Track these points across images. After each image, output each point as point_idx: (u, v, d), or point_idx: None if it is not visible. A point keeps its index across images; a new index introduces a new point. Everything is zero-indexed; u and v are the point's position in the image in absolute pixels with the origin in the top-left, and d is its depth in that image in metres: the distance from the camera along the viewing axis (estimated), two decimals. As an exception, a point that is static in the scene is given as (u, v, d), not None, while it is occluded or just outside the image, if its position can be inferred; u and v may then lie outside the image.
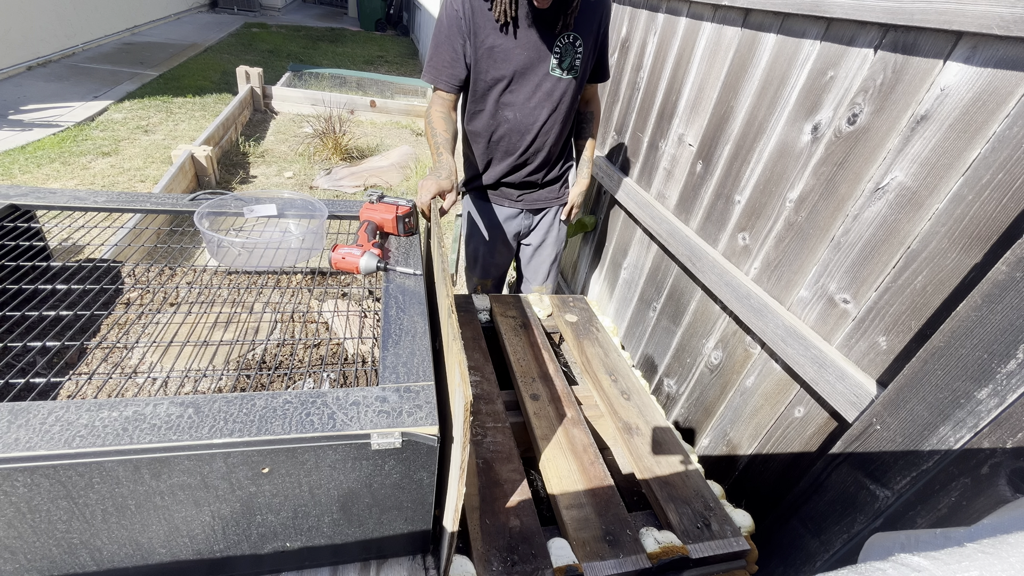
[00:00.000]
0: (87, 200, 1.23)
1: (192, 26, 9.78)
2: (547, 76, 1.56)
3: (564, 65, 1.54)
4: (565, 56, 1.53)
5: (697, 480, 1.26)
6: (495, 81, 1.56)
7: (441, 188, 1.37)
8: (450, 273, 0.99)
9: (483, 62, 1.53)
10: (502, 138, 1.67)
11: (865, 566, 0.36)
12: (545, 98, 1.59)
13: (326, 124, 4.79)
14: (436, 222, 1.23)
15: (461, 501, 0.81)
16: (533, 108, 1.60)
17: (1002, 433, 0.83)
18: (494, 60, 1.52)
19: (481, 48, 1.51)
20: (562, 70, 1.55)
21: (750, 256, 1.47)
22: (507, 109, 1.61)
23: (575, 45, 1.52)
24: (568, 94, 1.61)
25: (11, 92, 5.17)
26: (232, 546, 0.85)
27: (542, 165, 1.76)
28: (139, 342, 1.05)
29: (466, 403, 0.69)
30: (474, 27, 1.48)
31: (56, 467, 0.67)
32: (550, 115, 1.63)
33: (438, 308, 1.20)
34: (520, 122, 1.63)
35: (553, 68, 1.54)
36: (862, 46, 1.13)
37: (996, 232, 0.90)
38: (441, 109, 1.60)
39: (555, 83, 1.57)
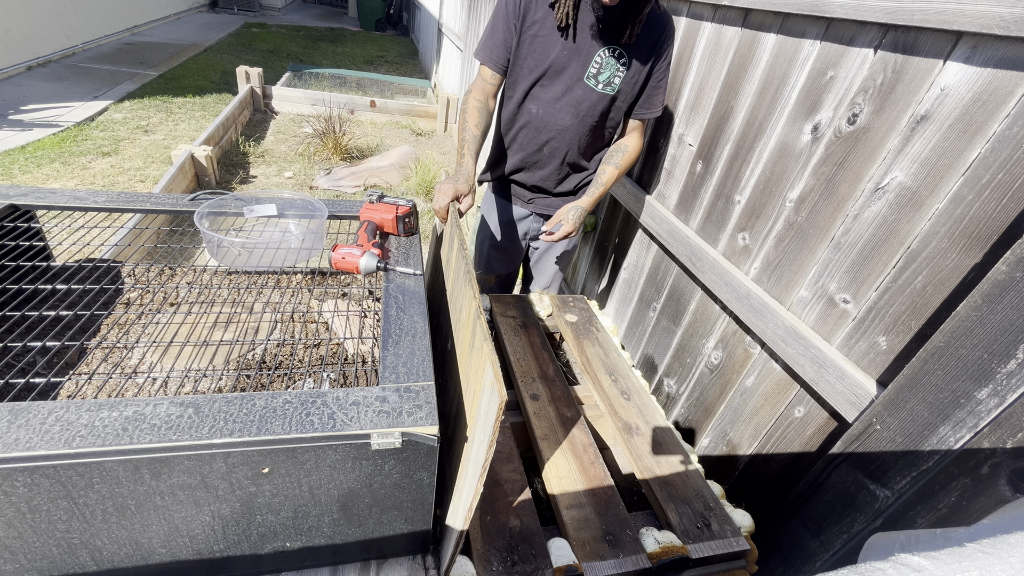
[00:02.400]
0: (87, 200, 1.23)
1: (192, 26, 9.77)
2: (580, 82, 1.51)
3: (601, 78, 1.50)
4: (604, 69, 1.48)
5: (697, 480, 1.26)
6: (529, 71, 1.54)
7: (458, 192, 1.38)
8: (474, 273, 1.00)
9: (524, 48, 1.52)
10: (521, 129, 1.66)
11: (865, 566, 0.36)
12: (572, 104, 1.55)
13: (326, 124, 4.79)
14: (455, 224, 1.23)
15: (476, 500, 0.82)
16: (557, 109, 1.57)
17: (1002, 433, 0.83)
18: (533, 49, 1.51)
19: (526, 34, 1.51)
20: (597, 82, 1.51)
21: (750, 256, 1.47)
22: (533, 103, 1.59)
23: (619, 61, 1.47)
24: (598, 109, 1.55)
25: (11, 92, 5.17)
26: (232, 546, 0.85)
27: (555, 172, 1.70)
28: (139, 342, 1.05)
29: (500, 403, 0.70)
30: (527, 13, 1.48)
31: (56, 467, 0.67)
32: (572, 122, 1.58)
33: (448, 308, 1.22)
34: (541, 119, 1.60)
35: (588, 77, 1.50)
36: (862, 46, 1.13)
37: (996, 232, 0.90)
38: (480, 96, 1.58)
39: (586, 92, 1.52)
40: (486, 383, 0.76)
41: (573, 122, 1.57)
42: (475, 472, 0.80)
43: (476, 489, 0.79)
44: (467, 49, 5.25)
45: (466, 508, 0.85)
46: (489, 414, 0.74)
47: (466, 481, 0.85)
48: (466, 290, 0.98)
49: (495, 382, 0.71)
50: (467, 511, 0.84)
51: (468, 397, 0.88)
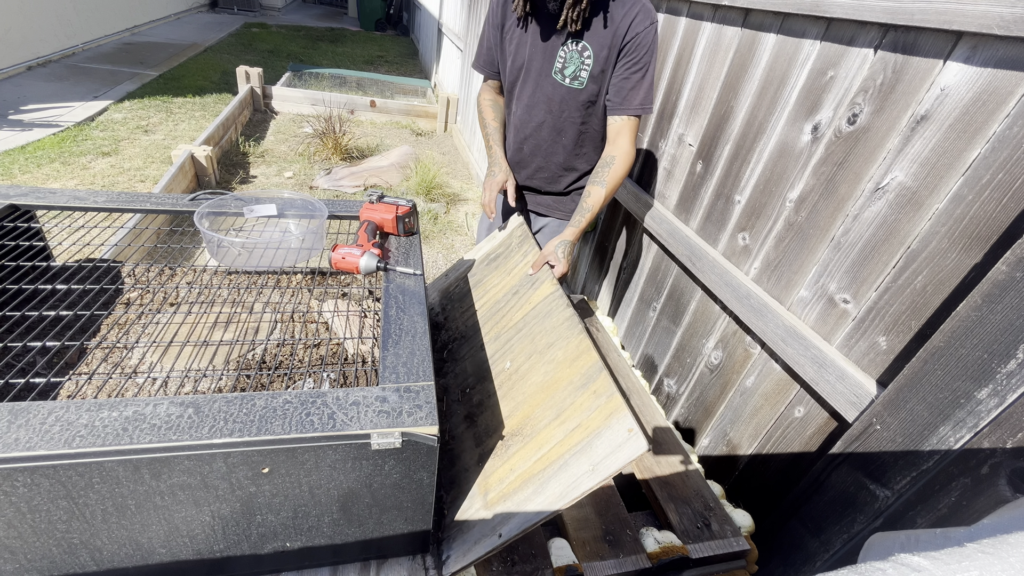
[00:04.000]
0: (87, 200, 1.23)
1: (192, 26, 9.77)
2: (548, 78, 1.51)
3: (567, 73, 1.47)
4: (569, 63, 1.46)
5: (697, 480, 1.25)
6: (510, 73, 1.58)
7: (499, 183, 1.55)
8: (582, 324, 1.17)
9: (505, 52, 1.57)
10: (509, 128, 1.69)
11: (865, 566, 0.36)
12: (544, 101, 1.55)
13: (326, 124, 4.79)
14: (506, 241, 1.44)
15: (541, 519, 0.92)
16: (531, 107, 1.58)
17: (1002, 433, 0.83)
18: (511, 52, 1.55)
19: (505, 39, 1.55)
20: (564, 76, 1.48)
21: (750, 256, 1.47)
22: (515, 102, 1.61)
23: (583, 55, 1.43)
24: (570, 104, 1.51)
25: (11, 92, 5.17)
26: (232, 546, 0.85)
27: (539, 171, 1.68)
28: (139, 342, 1.05)
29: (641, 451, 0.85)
30: (504, 18, 1.53)
31: (56, 467, 0.67)
32: (547, 118, 1.57)
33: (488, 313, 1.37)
34: (520, 118, 1.62)
35: (555, 72, 1.49)
36: (862, 46, 1.13)
37: (996, 232, 0.90)
38: (487, 95, 1.69)
39: (555, 88, 1.51)
40: (618, 428, 0.89)
41: (548, 118, 1.56)
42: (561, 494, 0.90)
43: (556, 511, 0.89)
44: (467, 49, 5.25)
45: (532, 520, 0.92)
46: (617, 454, 0.87)
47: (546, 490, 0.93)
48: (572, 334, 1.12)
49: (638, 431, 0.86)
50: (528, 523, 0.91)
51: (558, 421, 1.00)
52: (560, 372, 1.08)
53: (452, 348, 1.49)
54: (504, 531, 0.94)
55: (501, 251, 1.61)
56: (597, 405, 0.95)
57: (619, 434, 0.88)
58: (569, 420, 0.98)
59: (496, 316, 1.40)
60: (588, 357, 1.05)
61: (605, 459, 0.88)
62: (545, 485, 0.94)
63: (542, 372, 1.13)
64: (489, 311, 1.45)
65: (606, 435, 0.90)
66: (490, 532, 0.97)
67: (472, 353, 1.38)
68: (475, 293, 1.58)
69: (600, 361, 1.01)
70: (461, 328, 1.51)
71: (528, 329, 1.26)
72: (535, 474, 0.97)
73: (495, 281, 1.53)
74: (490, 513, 0.99)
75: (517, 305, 1.36)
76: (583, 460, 0.91)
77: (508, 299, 1.41)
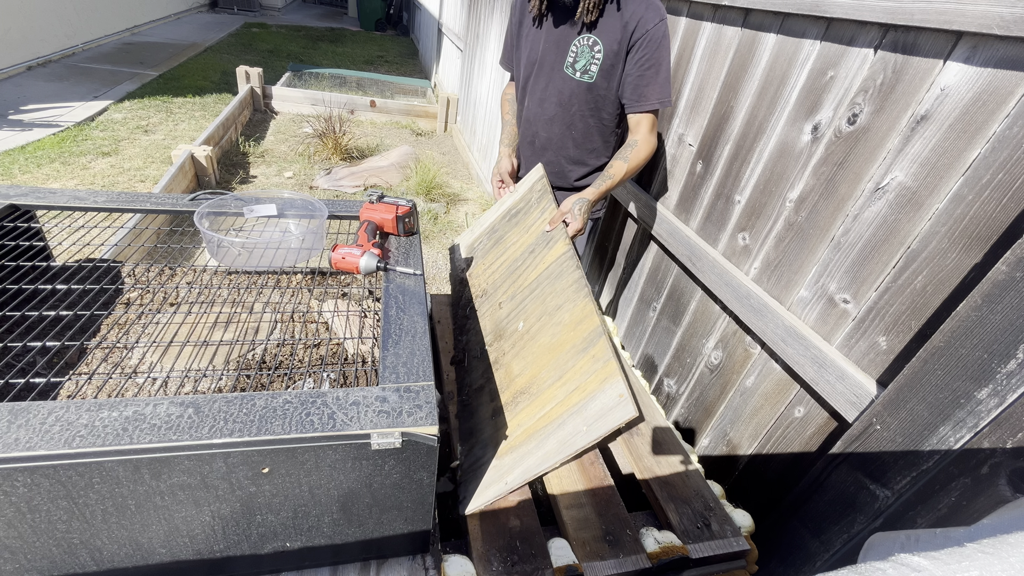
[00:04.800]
0: (87, 200, 1.23)
1: (192, 26, 9.77)
2: (559, 72, 1.55)
3: (578, 67, 1.51)
4: (580, 57, 1.50)
5: (697, 480, 1.26)
6: (524, 68, 1.64)
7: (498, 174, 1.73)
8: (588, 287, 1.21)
9: (520, 50, 1.65)
10: (522, 123, 1.75)
11: (865, 566, 0.36)
12: (555, 94, 1.59)
13: (326, 124, 4.79)
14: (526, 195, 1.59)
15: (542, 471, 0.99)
16: (543, 100, 1.63)
17: (1002, 433, 0.83)
18: (525, 48, 1.62)
19: (520, 36, 1.64)
20: (575, 71, 1.52)
21: (750, 256, 1.47)
22: (528, 97, 1.67)
23: (593, 49, 1.47)
24: (579, 97, 1.55)
25: (11, 92, 5.17)
26: (232, 546, 0.85)
27: (549, 164, 1.71)
28: (139, 342, 1.05)
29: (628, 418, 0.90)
30: (522, 15, 1.62)
31: (56, 467, 0.67)
32: (557, 112, 1.61)
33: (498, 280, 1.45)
34: (532, 112, 1.67)
35: (567, 66, 1.53)
36: (862, 46, 1.13)
37: (996, 232, 0.90)
38: (510, 92, 1.83)
39: (565, 81, 1.55)
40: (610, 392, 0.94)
41: (558, 112, 1.60)
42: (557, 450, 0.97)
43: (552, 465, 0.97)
44: (467, 49, 5.25)
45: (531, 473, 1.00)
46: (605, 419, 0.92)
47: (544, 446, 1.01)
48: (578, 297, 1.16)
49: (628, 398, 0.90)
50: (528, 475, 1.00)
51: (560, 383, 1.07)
52: (565, 335, 1.14)
53: (474, 305, 1.55)
54: (509, 480, 1.04)
55: (521, 206, 1.63)
56: (595, 369, 1.01)
57: (611, 398, 0.94)
58: (569, 382, 1.05)
59: (513, 275, 1.46)
60: (590, 322, 1.09)
61: (597, 421, 0.94)
62: (545, 441, 1.01)
63: (550, 334, 1.18)
64: (507, 269, 1.50)
65: (600, 398, 0.96)
66: (498, 480, 1.07)
67: (491, 311, 1.45)
68: (496, 250, 1.62)
69: (600, 326, 1.05)
70: (483, 285, 1.57)
71: (540, 290, 1.31)
72: (537, 430, 1.04)
73: (514, 238, 1.57)
74: (499, 463, 1.09)
75: (532, 265, 1.40)
76: (578, 420, 0.97)
77: (525, 258, 1.45)
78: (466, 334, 1.48)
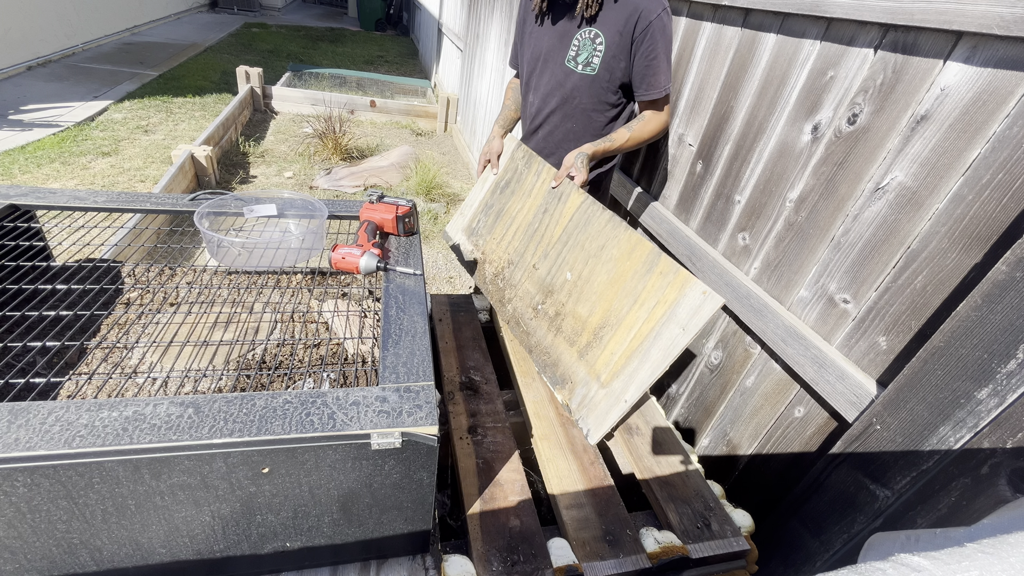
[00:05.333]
0: (87, 200, 1.23)
1: (192, 26, 9.77)
2: (562, 66, 1.59)
3: (580, 60, 1.55)
4: (582, 50, 1.54)
5: (697, 480, 1.26)
6: (528, 64, 1.70)
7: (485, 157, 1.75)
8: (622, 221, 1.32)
9: (524, 47, 1.71)
10: (524, 119, 1.82)
11: (865, 566, 0.36)
12: (557, 87, 1.63)
13: (326, 124, 4.79)
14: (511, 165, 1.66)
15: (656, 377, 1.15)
16: (546, 95, 1.67)
17: (1002, 433, 0.83)
18: (529, 46, 1.68)
19: (524, 34, 1.70)
20: (577, 63, 1.56)
21: (750, 256, 1.47)
22: (532, 92, 1.72)
23: (594, 41, 1.51)
24: (581, 90, 1.58)
25: (11, 92, 5.17)
26: (232, 546, 0.85)
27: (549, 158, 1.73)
28: (139, 342, 1.05)
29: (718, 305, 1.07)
30: (525, 13, 1.68)
31: (56, 467, 0.67)
32: (559, 106, 1.64)
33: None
34: (535, 105, 1.71)
35: (568, 60, 1.57)
36: (862, 46, 1.13)
37: (996, 232, 0.90)
38: (514, 82, 1.88)
39: (567, 75, 1.59)
40: (694, 293, 1.11)
41: (560, 105, 1.64)
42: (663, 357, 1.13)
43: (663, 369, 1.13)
44: (467, 49, 5.25)
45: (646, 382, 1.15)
46: (699, 313, 1.09)
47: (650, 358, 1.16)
48: (619, 232, 1.30)
49: (709, 289, 1.09)
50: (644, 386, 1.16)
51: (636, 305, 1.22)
52: (622, 266, 1.26)
53: (505, 276, 1.60)
54: (627, 397, 1.19)
55: (510, 176, 1.68)
56: (667, 282, 1.16)
57: (696, 298, 1.10)
58: (647, 301, 1.19)
59: (535, 238, 1.53)
60: (643, 246, 1.23)
61: (691, 319, 1.10)
62: (647, 354, 1.16)
63: (605, 271, 1.30)
64: (526, 235, 1.56)
65: (685, 302, 1.12)
66: (616, 401, 1.20)
67: (528, 275, 1.53)
68: (502, 223, 1.66)
69: (656, 247, 1.19)
70: (505, 257, 1.62)
71: (574, 240, 1.40)
72: (635, 349, 1.19)
73: (517, 206, 1.62)
74: (609, 389, 1.23)
75: (551, 222, 1.49)
76: (673, 326, 1.13)
77: (539, 218, 1.53)
78: (510, 303, 1.56)
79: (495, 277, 1.64)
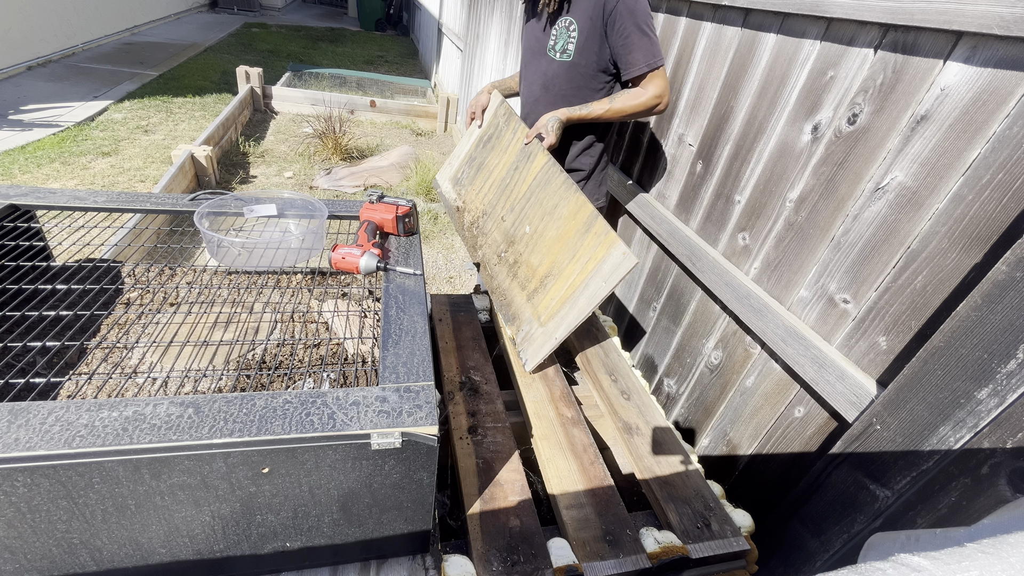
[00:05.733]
0: (87, 200, 1.23)
1: (192, 26, 9.77)
2: (544, 56, 1.68)
3: (557, 48, 1.63)
4: (559, 39, 1.62)
5: (697, 480, 1.26)
6: (521, 57, 1.82)
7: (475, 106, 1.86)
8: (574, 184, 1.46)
9: (521, 42, 1.83)
10: (521, 108, 1.88)
11: (865, 566, 0.36)
12: (540, 76, 1.71)
13: (326, 124, 4.79)
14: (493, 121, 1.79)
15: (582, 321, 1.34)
16: (531, 84, 1.76)
17: (1002, 433, 0.83)
18: (523, 39, 1.80)
19: (522, 31, 1.81)
20: (555, 52, 1.64)
21: (750, 256, 1.47)
22: (523, 83, 1.82)
23: (569, 29, 1.59)
24: (561, 77, 1.65)
25: (11, 92, 5.17)
26: (232, 546, 0.85)
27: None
28: (139, 342, 1.05)
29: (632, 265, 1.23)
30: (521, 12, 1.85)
31: (56, 467, 0.67)
32: (542, 94, 1.72)
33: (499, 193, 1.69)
34: (524, 95, 1.82)
35: (549, 49, 1.66)
36: (862, 46, 1.13)
37: (996, 232, 0.90)
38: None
39: (549, 63, 1.67)
40: (616, 252, 1.26)
41: (542, 93, 1.72)
42: (587, 304, 1.31)
43: (587, 315, 1.31)
44: (467, 49, 5.25)
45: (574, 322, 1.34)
46: (616, 271, 1.25)
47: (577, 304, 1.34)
48: (570, 194, 1.43)
49: (629, 252, 1.23)
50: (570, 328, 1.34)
51: (574, 260, 1.38)
52: (568, 224, 1.42)
53: (479, 224, 1.79)
54: (557, 335, 1.38)
55: (491, 132, 1.83)
56: (599, 242, 1.31)
57: (618, 256, 1.25)
58: (582, 256, 1.35)
59: (506, 192, 1.69)
60: (586, 208, 1.37)
61: (612, 274, 1.26)
62: (576, 301, 1.34)
63: (555, 228, 1.46)
64: (499, 188, 1.73)
65: (609, 260, 1.27)
66: (549, 338, 1.40)
67: (496, 225, 1.71)
68: (481, 176, 1.83)
69: (595, 210, 1.35)
70: (481, 207, 1.80)
71: (535, 197, 1.56)
72: (568, 297, 1.36)
73: (495, 161, 1.78)
74: (545, 328, 1.42)
75: (520, 179, 1.64)
76: (598, 279, 1.30)
77: (511, 175, 1.68)
78: (481, 249, 1.76)
79: (471, 225, 1.82)
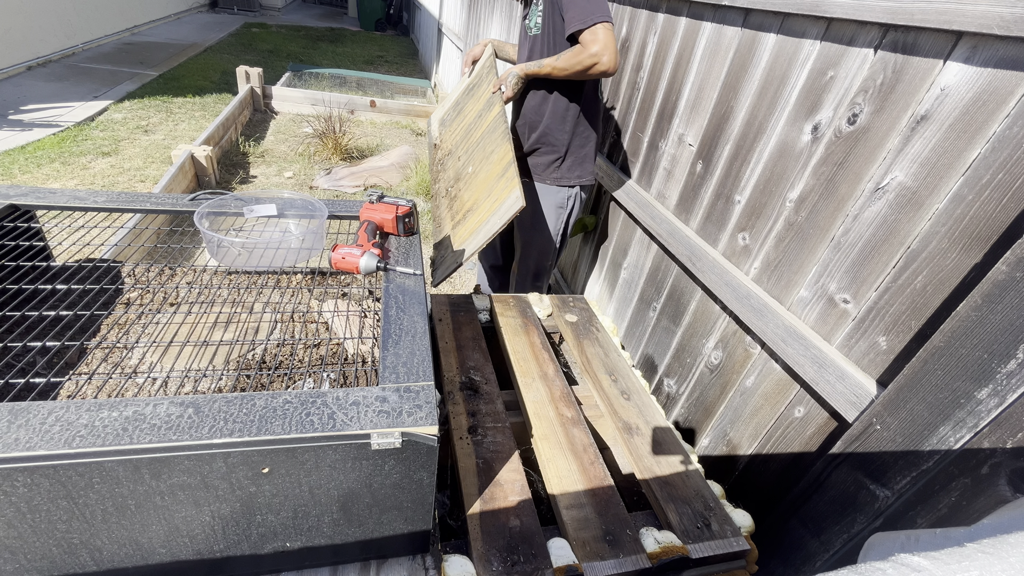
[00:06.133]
0: (87, 200, 1.23)
1: (192, 26, 9.77)
2: (528, 36, 1.86)
3: (532, 23, 1.80)
4: (532, 15, 1.80)
5: (697, 480, 1.26)
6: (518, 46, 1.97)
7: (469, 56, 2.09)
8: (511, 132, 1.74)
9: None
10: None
11: (865, 566, 0.36)
12: (526, 55, 1.88)
13: (326, 124, 4.79)
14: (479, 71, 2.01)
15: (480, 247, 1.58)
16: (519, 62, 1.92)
17: (1002, 433, 0.83)
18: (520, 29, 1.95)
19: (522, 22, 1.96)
20: (532, 28, 1.81)
21: (750, 256, 1.47)
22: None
23: (538, 5, 1.77)
24: (535, 50, 1.81)
25: (11, 92, 5.17)
26: (232, 546, 0.85)
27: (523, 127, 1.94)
28: (139, 342, 1.05)
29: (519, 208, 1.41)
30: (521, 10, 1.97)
31: (56, 467, 0.67)
32: None
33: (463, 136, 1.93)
34: None
35: (528, 28, 1.84)
36: (862, 46, 1.13)
37: (996, 232, 0.90)
38: None
39: (528, 39, 1.84)
40: (513, 195, 1.45)
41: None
42: (487, 233, 1.49)
43: (486, 240, 1.50)
44: (467, 49, 5.25)
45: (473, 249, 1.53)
46: (509, 210, 1.44)
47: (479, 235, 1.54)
48: (503, 143, 1.64)
49: (520, 196, 1.43)
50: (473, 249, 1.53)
51: (488, 198, 1.58)
52: (494, 169, 1.63)
53: (444, 162, 2.02)
54: (461, 259, 1.55)
55: (476, 82, 2.07)
56: (505, 186, 1.51)
57: (512, 199, 1.45)
58: (493, 196, 1.56)
59: (468, 136, 1.93)
60: (508, 157, 1.57)
61: (504, 213, 1.46)
62: (479, 232, 1.54)
63: (485, 170, 1.68)
64: (464, 132, 1.98)
65: (507, 201, 1.47)
66: (454, 262, 1.57)
67: (453, 164, 1.96)
68: (458, 120, 2.10)
69: (513, 159, 1.54)
70: (449, 147, 2.07)
71: (483, 143, 1.78)
72: (476, 228, 1.56)
73: (470, 107, 2.03)
74: (455, 252, 1.60)
75: (478, 125, 1.88)
76: (496, 216, 1.49)
77: (475, 121, 1.92)
78: (438, 183, 2.03)
79: (438, 162, 2.04)
